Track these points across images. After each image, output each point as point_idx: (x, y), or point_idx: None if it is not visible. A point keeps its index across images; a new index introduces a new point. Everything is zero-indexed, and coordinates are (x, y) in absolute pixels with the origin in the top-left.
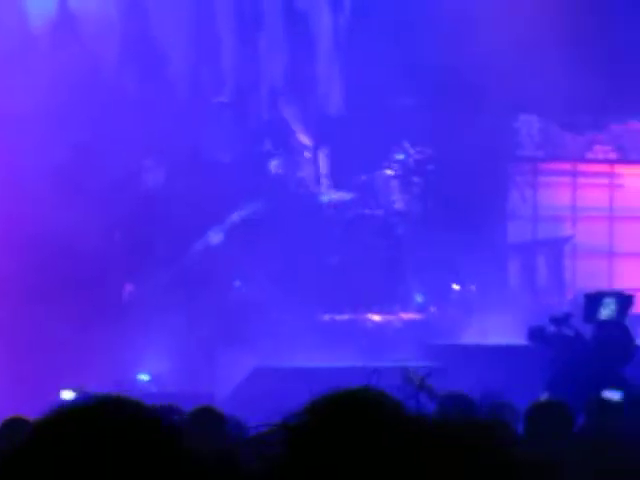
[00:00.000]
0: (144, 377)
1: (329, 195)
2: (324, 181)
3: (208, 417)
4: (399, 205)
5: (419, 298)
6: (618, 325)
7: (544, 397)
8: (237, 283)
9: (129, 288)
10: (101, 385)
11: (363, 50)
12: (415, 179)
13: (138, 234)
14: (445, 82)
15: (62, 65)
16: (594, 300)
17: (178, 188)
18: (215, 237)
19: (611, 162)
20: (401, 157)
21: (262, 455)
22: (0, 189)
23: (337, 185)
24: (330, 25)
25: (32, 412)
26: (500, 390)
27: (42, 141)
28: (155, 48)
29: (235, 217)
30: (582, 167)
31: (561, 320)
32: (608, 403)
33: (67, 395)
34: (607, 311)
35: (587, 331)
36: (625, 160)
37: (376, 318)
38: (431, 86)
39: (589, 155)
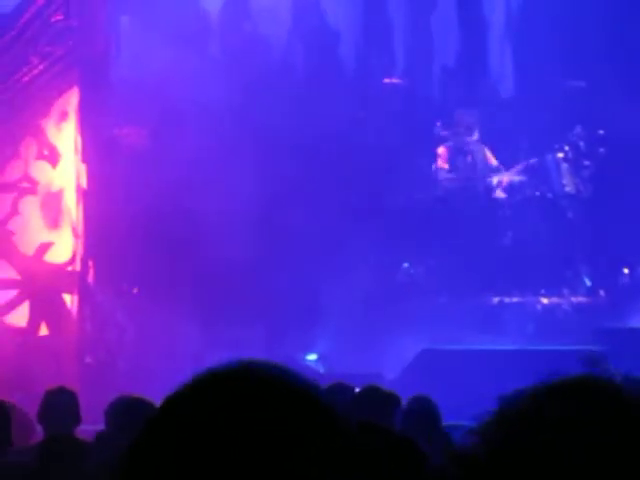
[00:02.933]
0: (312, 357)
1: (499, 177)
2: (494, 163)
3: (377, 395)
4: (569, 188)
5: (588, 282)
6: None
7: None
8: (405, 265)
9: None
10: None
11: (534, 32)
12: (586, 162)
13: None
14: (617, 63)
15: (232, 44)
16: None
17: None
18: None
19: None
20: (572, 140)
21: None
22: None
23: (507, 168)
24: (502, 6)
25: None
26: None
27: (219, 124)
28: (325, 27)
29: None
30: None
31: None
32: None
33: None
34: None
35: None
36: None
37: (545, 301)
38: (602, 68)
39: None
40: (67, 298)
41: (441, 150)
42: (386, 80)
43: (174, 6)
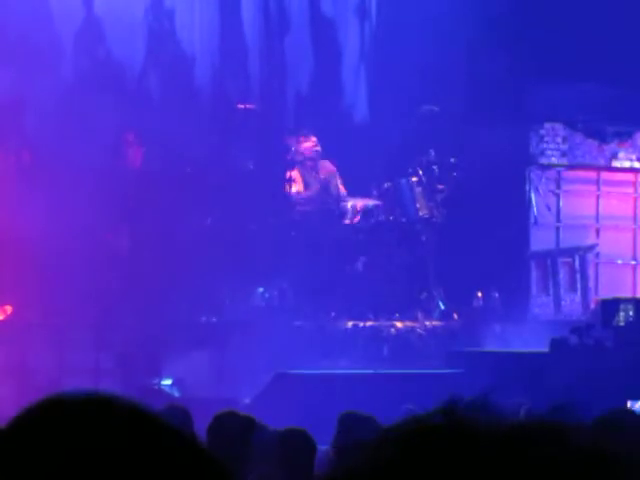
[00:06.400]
0: (167, 382)
1: (353, 201)
2: (348, 188)
3: (232, 421)
4: (423, 212)
5: (442, 305)
6: (637, 331)
7: None
8: (260, 289)
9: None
10: (123, 391)
11: (389, 57)
12: (439, 186)
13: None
14: (470, 90)
15: (86, 69)
16: (611, 306)
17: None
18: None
19: (636, 171)
20: (425, 164)
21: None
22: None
23: (361, 192)
24: (356, 31)
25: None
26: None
27: (67, 143)
28: (180, 52)
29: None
30: (606, 175)
31: (582, 330)
32: (631, 414)
33: None
34: (624, 317)
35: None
36: None
37: (399, 325)
38: (456, 94)
39: (614, 163)
40: None
41: (294, 174)
42: (240, 105)
43: (27, 30)
